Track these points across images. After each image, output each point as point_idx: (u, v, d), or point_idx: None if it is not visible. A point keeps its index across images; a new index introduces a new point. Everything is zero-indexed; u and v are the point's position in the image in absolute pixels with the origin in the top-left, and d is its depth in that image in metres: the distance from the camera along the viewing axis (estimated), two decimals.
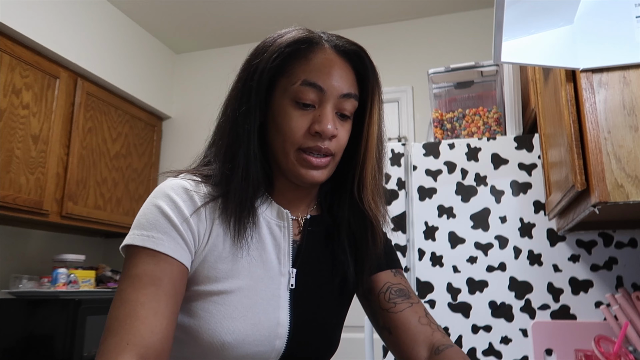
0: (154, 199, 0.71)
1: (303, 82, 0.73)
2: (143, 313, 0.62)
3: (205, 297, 0.70)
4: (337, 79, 0.74)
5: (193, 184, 0.73)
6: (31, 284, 2.38)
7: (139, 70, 3.08)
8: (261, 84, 0.74)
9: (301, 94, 0.73)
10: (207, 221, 0.72)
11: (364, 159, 0.78)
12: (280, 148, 0.74)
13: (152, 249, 0.66)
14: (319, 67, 0.74)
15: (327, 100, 0.74)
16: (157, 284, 0.64)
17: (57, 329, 2.14)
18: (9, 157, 2.20)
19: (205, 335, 0.68)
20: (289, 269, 0.77)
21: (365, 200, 0.78)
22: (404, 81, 2.98)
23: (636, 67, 0.89)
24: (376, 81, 0.80)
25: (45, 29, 2.41)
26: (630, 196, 0.85)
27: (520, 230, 1.49)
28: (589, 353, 1.19)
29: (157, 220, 0.68)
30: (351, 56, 0.78)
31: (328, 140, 0.73)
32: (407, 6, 2.93)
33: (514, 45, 0.88)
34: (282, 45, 0.74)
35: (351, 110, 0.77)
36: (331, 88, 0.74)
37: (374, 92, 0.79)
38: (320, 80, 0.73)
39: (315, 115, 0.73)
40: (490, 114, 1.68)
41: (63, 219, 2.46)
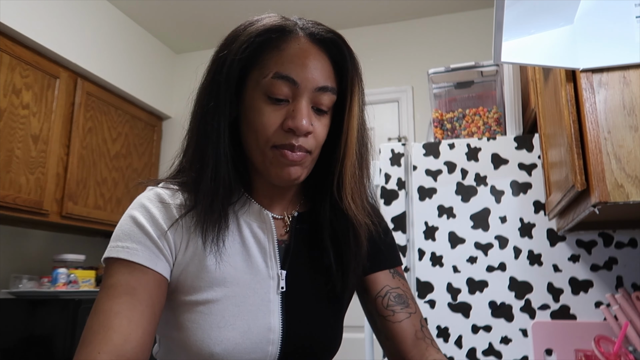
0: (130, 210, 0.69)
1: (275, 75, 0.67)
2: (117, 322, 0.61)
3: (191, 308, 0.68)
4: (312, 70, 0.68)
5: (170, 192, 0.71)
6: (31, 284, 2.38)
7: (139, 70, 3.08)
8: (230, 77, 0.69)
9: (273, 88, 0.67)
10: (184, 230, 0.69)
11: (343, 157, 0.73)
12: (254, 145, 0.70)
13: (126, 260, 0.65)
14: (292, 58, 0.68)
15: (302, 94, 0.68)
16: (132, 293, 0.63)
17: (57, 329, 2.14)
18: (9, 157, 2.20)
19: (193, 347, 0.66)
20: (278, 271, 0.73)
21: (345, 200, 0.73)
22: (404, 81, 2.98)
23: (636, 67, 0.89)
24: (355, 71, 0.73)
25: (45, 29, 2.41)
26: (630, 196, 0.85)
27: (520, 230, 1.49)
28: (589, 353, 1.19)
29: (132, 230, 0.67)
30: (328, 45, 0.72)
31: (303, 137, 0.68)
32: (407, 6, 2.93)
33: (514, 45, 0.88)
34: (252, 35, 0.69)
35: (328, 105, 0.71)
36: (305, 81, 0.68)
37: (354, 83, 0.73)
38: (293, 73, 0.67)
39: (289, 110, 0.68)
40: (490, 114, 1.68)
41: (63, 219, 2.46)
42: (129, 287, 0.63)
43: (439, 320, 1.49)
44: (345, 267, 0.76)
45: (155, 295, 0.65)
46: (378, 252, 0.82)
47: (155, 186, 0.74)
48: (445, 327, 1.48)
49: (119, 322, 0.61)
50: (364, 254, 0.77)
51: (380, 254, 0.82)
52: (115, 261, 0.66)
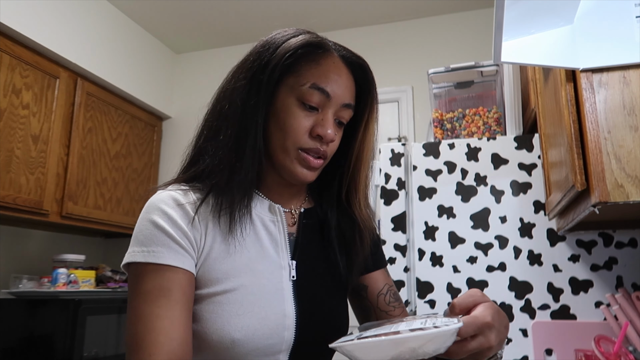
0: (147, 215, 0.72)
1: (312, 85, 0.75)
2: (160, 325, 0.65)
3: (209, 300, 0.71)
4: (343, 88, 0.77)
5: (182, 193, 0.75)
6: (31, 284, 2.38)
7: (139, 70, 3.08)
8: (272, 79, 0.75)
9: (308, 96, 0.74)
10: (201, 227, 0.73)
11: (356, 168, 0.82)
12: (281, 145, 0.76)
13: (155, 263, 0.68)
14: (327, 73, 0.76)
15: (331, 106, 0.76)
16: (168, 295, 0.67)
17: (57, 329, 2.14)
18: (9, 157, 2.20)
19: (214, 336, 0.69)
20: (289, 261, 0.79)
21: (356, 206, 0.83)
22: (404, 81, 2.98)
23: (636, 67, 0.89)
24: (375, 95, 0.83)
25: (45, 29, 2.41)
26: (630, 196, 0.85)
27: (520, 230, 1.49)
28: (589, 353, 1.19)
29: (154, 234, 0.70)
30: (355, 68, 0.80)
31: (326, 144, 0.76)
32: (407, 6, 2.93)
33: (514, 45, 0.88)
34: (296, 45, 0.76)
35: (347, 120, 0.80)
36: (336, 96, 0.76)
37: (372, 105, 0.83)
38: (328, 86, 0.75)
39: (318, 119, 0.75)
40: (490, 114, 1.68)
41: (63, 219, 2.46)
42: (164, 289, 0.67)
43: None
44: (349, 265, 0.83)
45: (188, 292, 0.70)
46: (376, 252, 0.90)
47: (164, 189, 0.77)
48: None
49: (161, 324, 0.65)
50: (368, 253, 0.85)
51: (377, 253, 0.91)
52: (144, 266, 0.69)
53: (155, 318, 0.65)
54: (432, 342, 0.52)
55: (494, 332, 0.56)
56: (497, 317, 0.57)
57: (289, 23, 3.04)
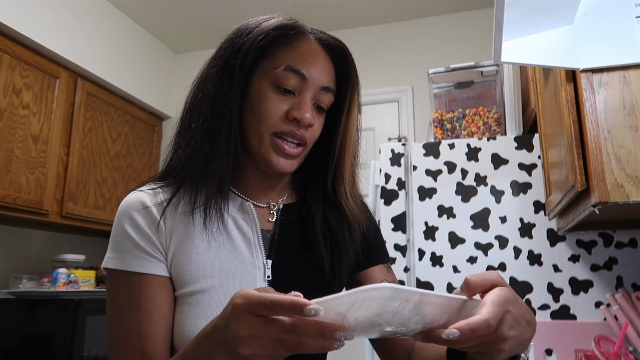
0: (118, 219, 0.73)
1: (286, 68, 0.72)
2: (131, 338, 0.67)
3: (181, 301, 0.70)
4: (320, 70, 0.74)
5: (151, 194, 0.74)
6: (31, 284, 2.38)
7: (139, 70, 3.08)
8: (245, 63, 0.72)
9: (283, 79, 0.72)
10: (167, 229, 0.72)
11: (340, 155, 0.78)
12: (255, 131, 0.72)
13: (123, 270, 0.69)
14: (303, 55, 0.73)
15: (308, 89, 0.73)
16: (137, 306, 0.68)
17: (57, 329, 2.14)
18: (9, 157, 2.20)
19: (182, 337, 0.68)
20: (264, 260, 0.75)
21: (342, 195, 0.78)
22: (404, 81, 2.98)
23: (636, 67, 0.89)
24: (356, 78, 0.79)
25: (45, 29, 2.41)
26: (630, 196, 0.85)
27: (520, 230, 1.49)
28: (589, 353, 1.19)
29: (122, 240, 0.71)
30: (334, 51, 0.77)
31: (304, 128, 0.73)
32: (407, 6, 2.93)
33: (514, 45, 0.88)
34: (269, 28, 0.74)
35: (327, 105, 0.76)
36: (313, 78, 0.73)
37: (354, 89, 0.79)
38: (303, 68, 0.72)
39: (294, 102, 0.72)
40: (490, 114, 1.68)
41: (63, 219, 2.46)
42: (134, 301, 0.68)
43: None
44: (337, 261, 0.78)
45: (160, 298, 0.69)
46: (371, 247, 0.84)
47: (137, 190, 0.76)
48: None
49: (132, 337, 0.67)
50: (358, 249, 0.80)
51: (374, 249, 0.85)
52: (115, 272, 0.70)
53: (127, 333, 0.67)
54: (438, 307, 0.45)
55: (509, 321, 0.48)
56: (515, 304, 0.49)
57: None
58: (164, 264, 0.71)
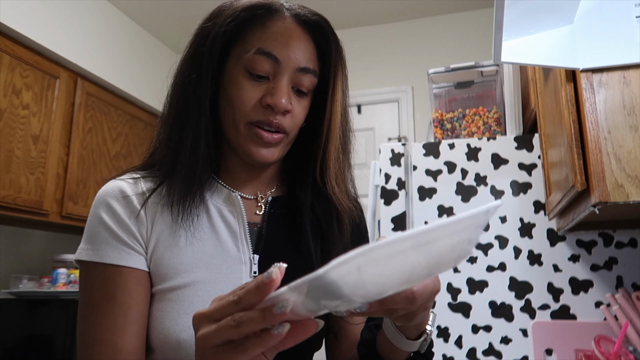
0: (94, 208, 0.69)
1: (257, 51, 0.67)
2: (104, 336, 0.63)
3: (159, 297, 0.66)
4: (295, 50, 0.68)
5: (132, 182, 0.70)
6: (31, 284, 2.38)
7: (139, 70, 3.08)
8: (214, 50, 0.68)
9: (254, 64, 0.67)
10: (147, 220, 0.68)
11: (326, 141, 0.72)
12: (230, 121, 0.69)
13: (99, 262, 0.65)
14: (275, 35, 0.68)
15: (283, 72, 0.68)
16: (112, 300, 0.64)
17: (57, 329, 2.14)
18: (9, 157, 2.20)
19: (160, 335, 0.64)
20: (250, 255, 0.70)
21: (329, 184, 0.72)
22: (404, 81, 2.98)
23: (636, 67, 0.89)
24: (339, 56, 0.73)
25: (45, 29, 2.41)
26: (630, 196, 0.85)
27: (520, 230, 1.49)
28: (589, 353, 1.19)
29: (98, 230, 0.66)
30: (313, 28, 0.71)
31: (281, 115, 0.68)
32: (407, 6, 2.93)
33: (514, 45, 0.88)
34: (237, 9, 0.69)
35: (309, 87, 0.71)
36: (287, 60, 0.67)
37: (337, 67, 0.72)
38: (276, 50, 0.67)
39: (268, 88, 0.67)
40: (490, 114, 1.68)
41: (63, 219, 2.46)
42: (108, 295, 0.64)
43: (439, 320, 1.49)
44: (326, 255, 0.73)
45: (136, 292, 0.65)
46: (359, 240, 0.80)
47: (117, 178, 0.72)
48: (445, 327, 1.48)
49: (105, 335, 0.63)
50: (347, 241, 0.74)
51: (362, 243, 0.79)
52: (88, 264, 0.66)
53: (100, 328, 0.63)
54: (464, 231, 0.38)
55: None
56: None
57: None
58: (143, 257, 0.67)
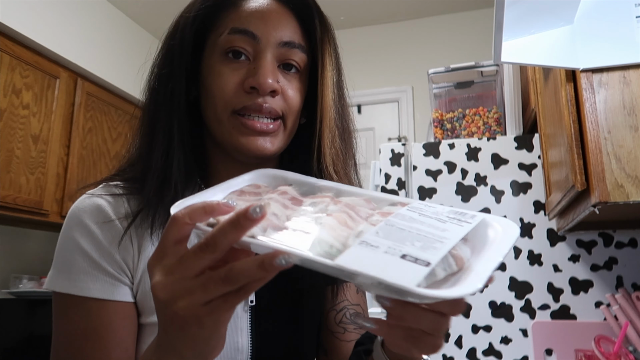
0: (68, 229, 0.59)
1: (231, 30, 0.60)
2: None
3: (150, 330, 0.59)
4: (275, 24, 0.61)
5: (112, 200, 0.60)
6: (31, 284, 2.38)
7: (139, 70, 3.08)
8: (185, 40, 0.62)
9: (229, 44, 0.60)
10: (134, 246, 0.59)
11: (320, 124, 0.63)
12: (213, 115, 0.61)
13: (77, 296, 0.56)
14: (250, 11, 0.61)
15: (264, 49, 0.60)
16: (94, 338, 0.55)
17: None
18: (9, 157, 2.20)
19: None
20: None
21: (325, 172, 0.62)
22: (404, 81, 2.98)
23: (636, 67, 0.89)
24: (325, 30, 0.65)
25: (45, 29, 2.41)
26: (630, 196, 0.85)
27: (520, 230, 1.49)
28: (589, 353, 1.19)
29: (75, 258, 0.57)
30: (297, 5, 0.64)
31: (270, 96, 0.59)
32: (407, 6, 2.93)
33: (514, 45, 0.88)
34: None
35: (300, 62, 0.63)
36: (267, 34, 0.60)
37: (324, 42, 0.64)
38: (252, 26, 0.60)
39: (249, 69, 0.59)
40: (490, 114, 1.68)
41: (63, 219, 2.46)
42: (89, 331, 0.56)
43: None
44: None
45: (121, 327, 0.57)
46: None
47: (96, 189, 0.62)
48: None
49: None
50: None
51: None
52: (66, 297, 0.57)
53: None
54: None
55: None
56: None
57: None
58: (128, 288, 0.58)
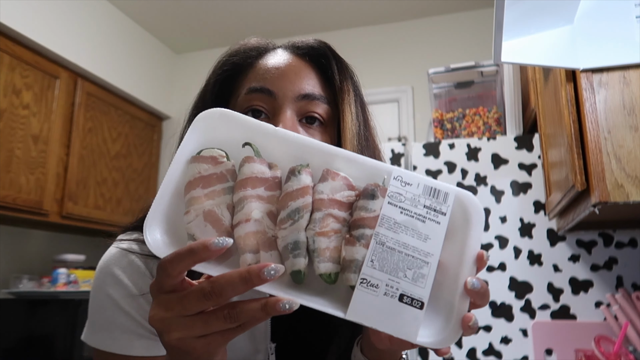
0: (102, 285, 0.59)
1: (248, 90, 0.59)
2: None
3: None
4: (292, 78, 0.60)
5: (138, 248, 0.60)
6: (31, 284, 2.38)
7: (139, 70, 3.08)
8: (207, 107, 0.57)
9: (247, 103, 0.59)
10: None
11: None
12: None
13: (120, 354, 0.56)
14: (267, 69, 0.60)
15: (282, 105, 0.58)
16: None
17: (57, 329, 2.14)
18: (9, 157, 2.20)
19: None
20: (268, 344, 0.60)
21: None
22: (404, 81, 2.98)
23: (636, 67, 0.89)
24: (344, 78, 0.63)
25: (45, 29, 2.41)
26: (630, 196, 0.85)
27: (520, 230, 1.49)
28: (589, 353, 1.19)
29: (115, 317, 0.57)
30: (312, 55, 0.63)
31: None
32: (407, 6, 2.93)
33: (514, 45, 0.88)
34: (227, 54, 0.63)
35: (323, 114, 0.61)
36: (283, 89, 0.59)
37: (343, 92, 0.62)
38: (267, 83, 0.59)
39: None
40: (490, 114, 1.68)
41: (63, 219, 2.46)
42: None
43: None
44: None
45: None
46: None
47: (123, 240, 0.62)
48: None
49: None
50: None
51: None
52: (108, 354, 0.58)
53: None
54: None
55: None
56: None
57: (289, 23, 3.04)
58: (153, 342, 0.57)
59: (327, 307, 0.41)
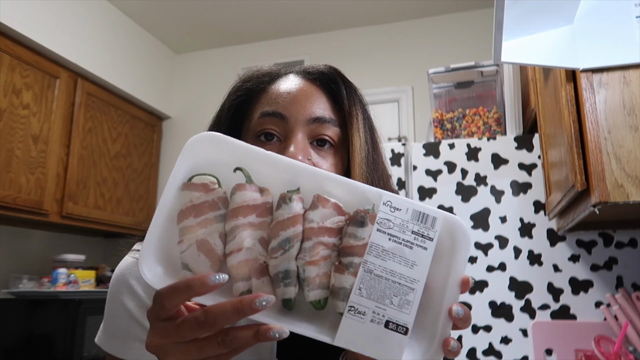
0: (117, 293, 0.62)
1: (261, 114, 0.62)
2: None
3: None
4: (303, 102, 0.62)
5: None
6: (31, 284, 2.38)
7: (139, 70, 3.08)
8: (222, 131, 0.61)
9: (260, 127, 0.62)
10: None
11: None
12: None
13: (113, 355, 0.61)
14: (279, 93, 0.63)
15: (293, 128, 0.61)
16: None
17: (57, 329, 2.14)
18: (9, 157, 2.20)
19: None
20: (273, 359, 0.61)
21: None
22: (404, 81, 2.98)
23: (636, 67, 0.89)
24: (353, 102, 0.66)
25: (45, 29, 2.41)
26: (630, 196, 0.85)
27: (520, 230, 1.49)
28: (589, 353, 1.19)
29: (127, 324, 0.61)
30: (322, 80, 0.66)
31: None
32: (407, 6, 2.93)
33: (514, 45, 0.88)
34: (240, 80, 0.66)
35: (333, 137, 0.63)
36: (295, 113, 0.61)
37: (352, 115, 0.64)
38: (279, 107, 0.61)
39: (280, 149, 0.60)
40: (490, 114, 1.68)
41: (63, 219, 2.46)
42: None
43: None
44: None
45: None
46: None
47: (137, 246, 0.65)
48: None
49: None
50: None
51: None
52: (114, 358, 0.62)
53: None
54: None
55: None
56: None
57: (289, 23, 3.04)
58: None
59: (316, 333, 0.43)
